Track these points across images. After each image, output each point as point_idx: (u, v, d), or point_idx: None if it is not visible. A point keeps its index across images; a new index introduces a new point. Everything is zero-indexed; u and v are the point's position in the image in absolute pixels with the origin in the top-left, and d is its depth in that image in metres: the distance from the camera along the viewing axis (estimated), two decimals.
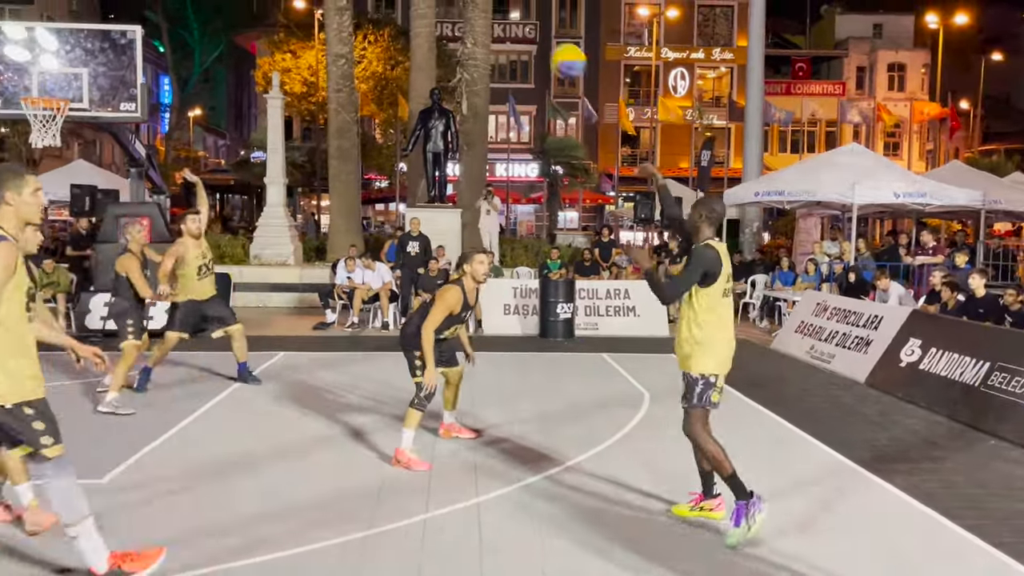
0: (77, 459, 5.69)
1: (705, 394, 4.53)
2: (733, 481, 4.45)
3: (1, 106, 11.06)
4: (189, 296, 7.97)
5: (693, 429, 4.55)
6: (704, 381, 4.52)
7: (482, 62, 18.62)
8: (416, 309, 6.13)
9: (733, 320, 4.69)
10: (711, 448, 4.50)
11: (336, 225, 18.84)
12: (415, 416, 5.62)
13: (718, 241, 4.57)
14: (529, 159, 37.24)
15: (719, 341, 4.53)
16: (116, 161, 41.13)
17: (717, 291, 4.49)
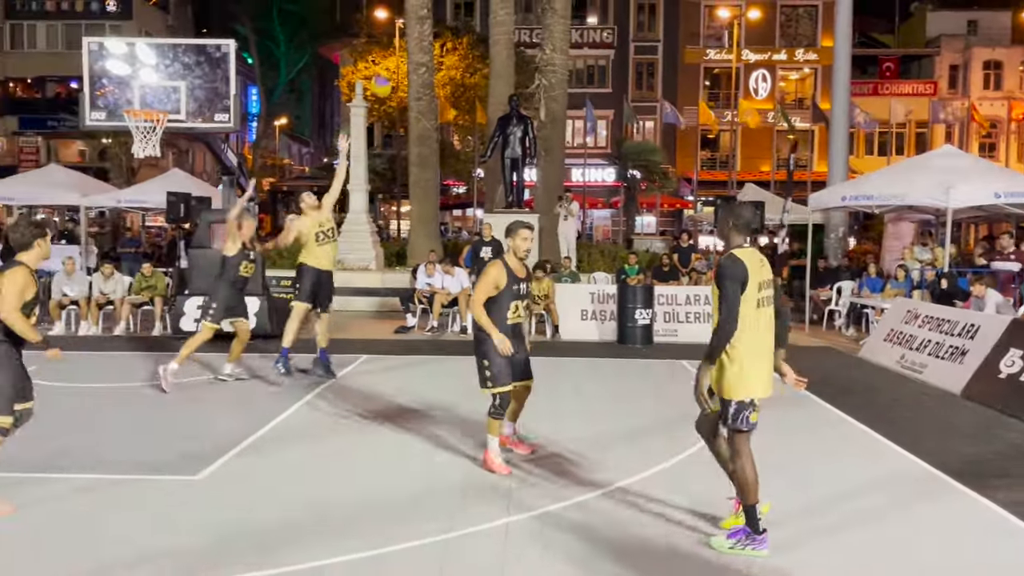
0: (172, 455, 5.99)
1: (740, 415, 4.26)
2: (751, 512, 4.29)
3: (105, 118, 11.68)
4: (311, 262, 8.52)
5: (734, 450, 4.35)
6: (737, 404, 4.26)
7: (560, 67, 18.67)
8: None
9: (770, 333, 4.31)
10: (747, 472, 4.28)
11: (416, 231, 19.15)
12: (494, 424, 5.63)
13: (746, 248, 4.26)
14: (606, 164, 37.07)
15: (750, 361, 4.21)
16: (207, 169, 42.78)
17: (748, 304, 4.17)
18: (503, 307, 5.56)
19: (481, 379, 5.64)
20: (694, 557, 4.30)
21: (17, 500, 4.97)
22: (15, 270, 4.95)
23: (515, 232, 5.61)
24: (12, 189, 19.86)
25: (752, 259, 4.22)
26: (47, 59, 41.34)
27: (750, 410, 4.26)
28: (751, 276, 4.17)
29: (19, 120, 41.92)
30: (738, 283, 4.15)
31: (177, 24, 45.21)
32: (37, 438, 6.44)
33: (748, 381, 4.22)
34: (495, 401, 5.58)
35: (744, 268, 4.16)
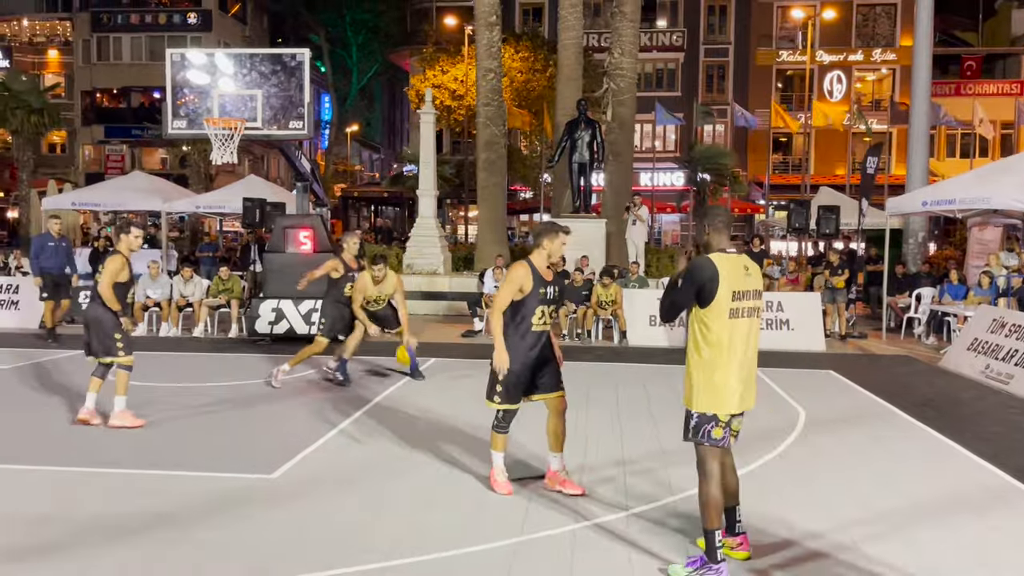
0: (249, 454, 6.15)
1: (701, 428, 4.01)
2: (710, 538, 3.97)
3: (186, 126, 12.08)
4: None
5: (699, 467, 4.05)
6: (699, 415, 4.01)
7: (629, 71, 18.56)
8: None
9: (747, 347, 3.99)
10: (707, 492, 3.98)
11: (483, 235, 19.26)
12: (498, 439, 5.28)
13: (727, 254, 4.00)
14: (675, 168, 36.67)
15: (717, 373, 3.93)
16: (281, 175, 43.94)
17: (718, 312, 3.91)
18: (528, 313, 5.07)
19: (489, 390, 5.19)
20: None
21: (102, 493, 5.17)
22: (113, 256, 6.75)
23: (554, 235, 5.10)
24: (99, 195, 20.76)
25: (730, 265, 3.97)
26: (132, 70, 43.12)
27: (712, 424, 3.99)
28: (722, 282, 3.90)
29: (105, 129, 43.84)
30: (695, 285, 3.92)
31: (253, 35, 46.59)
32: (118, 434, 6.70)
33: (712, 393, 3.97)
34: (498, 415, 5.22)
35: (712, 273, 3.91)
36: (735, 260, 4.01)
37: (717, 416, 3.98)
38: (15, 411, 7.54)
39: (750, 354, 4.04)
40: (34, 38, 46.73)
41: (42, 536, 4.48)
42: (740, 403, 4.01)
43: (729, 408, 3.98)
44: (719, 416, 3.98)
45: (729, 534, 4.21)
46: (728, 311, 3.93)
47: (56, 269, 11.99)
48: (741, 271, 4.00)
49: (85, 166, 44.06)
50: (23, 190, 30.87)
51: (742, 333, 3.98)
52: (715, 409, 3.97)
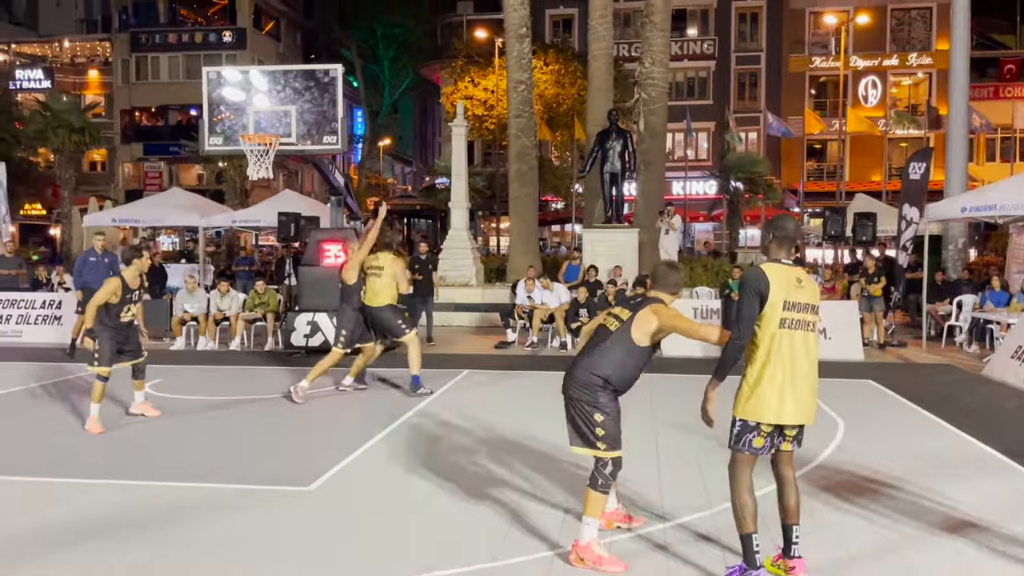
0: (286, 466, 6.20)
1: (743, 437, 3.98)
2: (747, 543, 3.96)
3: (222, 143, 12.28)
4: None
5: (730, 471, 4.06)
6: (742, 424, 3.97)
7: (660, 81, 18.52)
8: (584, 345, 4.65)
9: (800, 357, 3.92)
10: (740, 499, 3.98)
11: (515, 247, 19.29)
12: (598, 500, 4.30)
13: (780, 264, 3.99)
14: (707, 176, 36.44)
15: (770, 384, 3.89)
16: (315, 189, 44.43)
17: (767, 321, 3.89)
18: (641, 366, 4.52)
19: (587, 437, 4.34)
20: None
21: (141, 505, 5.25)
22: (110, 279, 7.54)
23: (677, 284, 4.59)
24: (138, 212, 21.16)
25: (783, 275, 3.94)
26: (169, 89, 43.98)
27: (754, 434, 3.96)
28: (774, 292, 3.89)
29: (144, 147, 44.71)
30: (756, 297, 3.90)
31: (287, 51, 47.28)
32: (156, 446, 6.81)
33: (758, 403, 3.92)
34: (606, 469, 4.31)
35: (766, 282, 3.90)
36: (788, 271, 3.99)
37: (760, 426, 3.94)
38: (47, 424, 7.69)
39: (803, 367, 3.95)
40: (75, 59, 47.90)
41: (80, 539, 4.56)
42: (786, 415, 3.93)
43: (770, 418, 3.92)
44: (762, 426, 3.94)
45: (785, 556, 4.12)
46: (778, 321, 3.91)
47: (97, 284, 12.19)
48: (793, 282, 3.96)
49: (124, 183, 44.95)
50: (65, 207, 31.58)
51: (793, 344, 3.92)
52: (756, 417, 3.93)
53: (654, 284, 4.56)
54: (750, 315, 3.91)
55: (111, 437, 7.13)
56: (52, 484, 5.74)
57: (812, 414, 4.02)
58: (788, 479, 4.14)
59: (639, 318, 4.32)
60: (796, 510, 4.12)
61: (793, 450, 4.13)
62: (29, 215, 41.07)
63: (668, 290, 4.50)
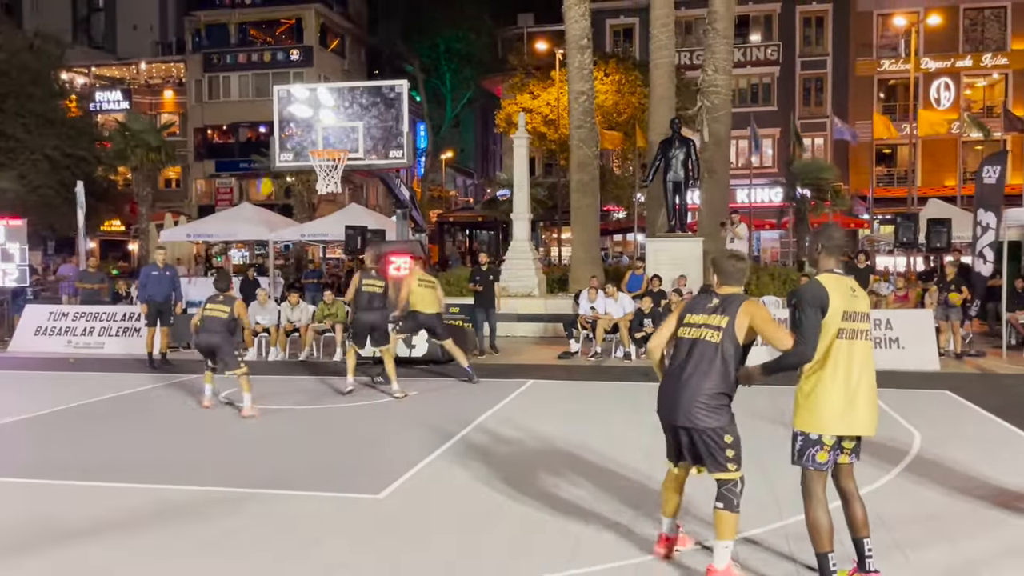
0: (356, 475, 6.34)
1: (806, 452, 3.94)
2: (823, 562, 3.93)
3: (292, 159, 12.64)
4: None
5: (803, 488, 4.00)
6: (803, 438, 3.94)
7: (723, 88, 18.33)
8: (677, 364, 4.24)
9: (858, 368, 3.91)
10: (812, 516, 3.94)
11: (577, 256, 19.28)
12: (734, 522, 4.11)
13: (834, 274, 3.99)
14: (773, 183, 35.83)
15: (828, 394, 3.87)
16: (380, 202, 45.18)
17: (826, 332, 3.88)
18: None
19: (718, 460, 4.12)
20: None
21: (216, 514, 5.44)
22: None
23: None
24: (211, 226, 21.89)
25: (839, 286, 3.94)
26: (239, 107, 45.34)
27: (817, 448, 3.92)
28: (834, 303, 3.88)
29: (215, 163, 46.17)
30: (817, 308, 3.87)
31: (352, 68, 48.29)
32: (229, 453, 7.02)
33: (820, 414, 3.90)
34: (737, 488, 4.13)
35: (825, 294, 3.89)
36: (842, 281, 3.99)
37: (822, 439, 3.92)
38: (133, 433, 8.00)
39: (863, 376, 3.94)
40: (151, 80, 49.80)
41: (160, 545, 4.75)
42: (850, 426, 3.91)
43: (831, 429, 3.90)
44: (824, 439, 3.92)
45: (860, 570, 4.06)
46: (836, 331, 3.90)
47: (160, 297, 12.70)
48: (848, 292, 3.97)
49: (197, 199, 46.44)
50: (143, 223, 32.79)
51: (851, 354, 3.91)
52: (819, 429, 3.91)
53: (725, 279, 4.29)
54: (815, 329, 3.87)
55: (185, 442, 7.38)
56: (137, 489, 5.98)
57: (875, 424, 3.99)
58: (851, 492, 4.09)
59: (739, 322, 4.11)
60: (865, 522, 4.06)
61: (853, 463, 4.09)
62: (109, 231, 42.75)
63: (740, 283, 4.31)
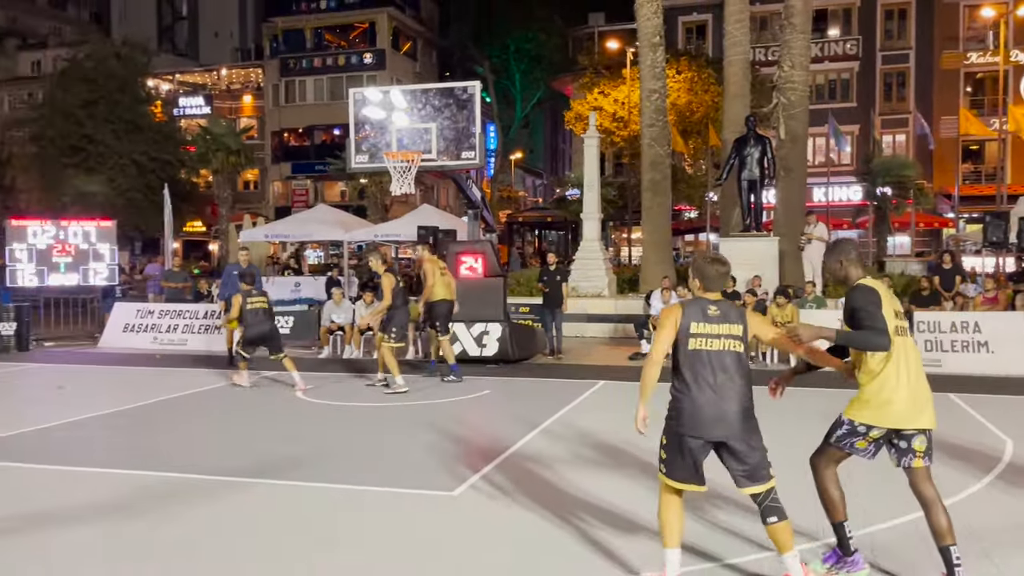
0: (430, 472, 6.40)
1: (847, 440, 4.11)
2: (839, 530, 4.19)
3: (367, 160, 12.86)
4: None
5: (818, 468, 4.23)
6: (850, 426, 4.08)
7: (800, 84, 17.91)
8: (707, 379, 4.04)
9: (910, 362, 4.00)
10: (829, 491, 4.18)
11: (648, 257, 19.11)
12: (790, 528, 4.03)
13: (871, 279, 4.14)
14: (852, 181, 34.81)
15: (886, 391, 3.96)
16: (450, 203, 45.62)
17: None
18: None
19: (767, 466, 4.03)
20: None
21: (293, 506, 5.57)
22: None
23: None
24: (288, 227, 22.46)
25: (882, 287, 4.10)
26: (315, 110, 46.41)
27: (859, 437, 4.08)
28: (884, 303, 4.01)
29: (292, 166, 47.36)
30: (877, 306, 3.99)
31: (423, 70, 48.90)
32: (304, 449, 7.18)
33: (882, 408, 4.00)
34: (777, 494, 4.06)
35: (876, 294, 4.02)
36: (882, 283, 4.20)
37: (871, 431, 4.03)
38: (214, 425, 8.26)
39: (922, 371, 4.08)
40: (231, 85, 51.42)
41: (251, 542, 4.90)
42: (907, 419, 3.99)
43: (897, 422, 3.99)
44: (873, 431, 4.03)
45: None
46: (894, 328, 4.00)
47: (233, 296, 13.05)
48: (890, 293, 4.16)
49: (274, 200, 47.73)
50: (223, 224, 33.90)
51: (906, 349, 4.05)
52: (876, 422, 4.00)
53: (708, 284, 4.15)
54: (880, 319, 3.96)
55: (264, 435, 7.59)
56: (220, 482, 6.18)
57: (935, 416, 4.08)
58: (932, 498, 4.04)
59: (750, 330, 4.08)
60: (949, 529, 3.98)
61: (927, 466, 4.05)
62: (191, 232, 44.31)
63: (720, 289, 4.21)
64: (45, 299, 17.10)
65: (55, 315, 16.96)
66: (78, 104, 35.63)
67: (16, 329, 14.44)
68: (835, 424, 4.19)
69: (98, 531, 5.06)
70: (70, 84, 36.76)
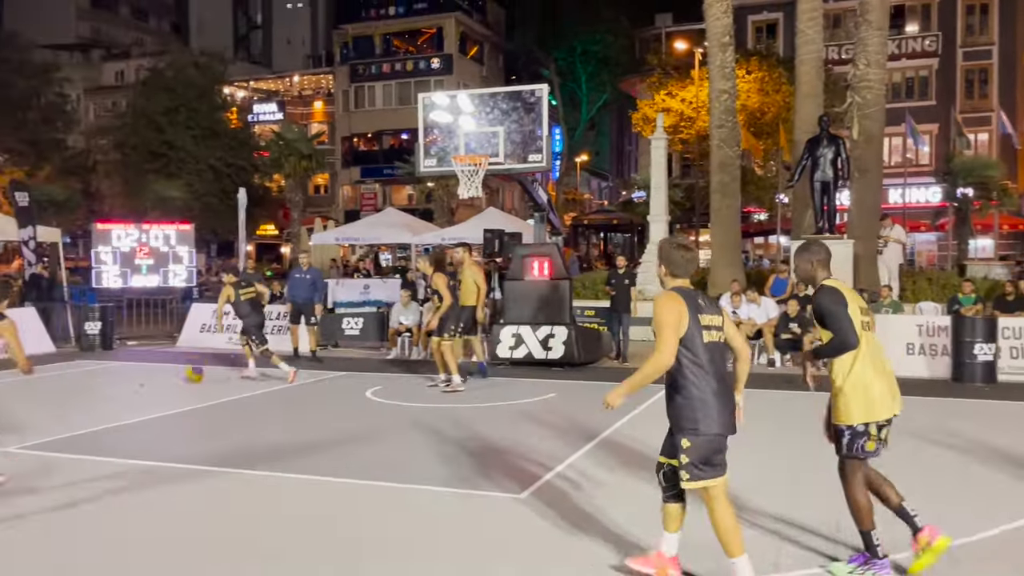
0: (497, 473, 6.43)
1: (855, 444, 4.22)
2: (867, 538, 4.25)
3: (435, 164, 13.01)
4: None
5: (845, 478, 4.30)
6: (851, 431, 4.21)
7: (876, 83, 17.37)
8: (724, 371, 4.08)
9: (879, 356, 4.28)
10: (858, 498, 4.25)
11: (717, 260, 18.79)
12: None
13: (834, 279, 4.38)
14: (930, 182, 33.64)
15: (863, 385, 4.19)
16: (515, 206, 45.75)
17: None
18: None
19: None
20: None
21: (367, 505, 5.66)
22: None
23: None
24: (358, 230, 22.88)
25: (845, 288, 4.31)
26: (383, 115, 47.17)
27: (865, 438, 4.20)
28: (850, 301, 4.24)
29: (361, 170, 48.21)
30: (841, 305, 4.20)
31: (489, 74, 49.21)
32: (371, 450, 7.29)
33: (868, 405, 4.19)
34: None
35: (840, 294, 4.24)
36: (845, 284, 4.41)
37: (868, 429, 4.20)
38: (283, 426, 8.46)
39: (885, 359, 4.33)
40: (303, 92, 52.68)
41: (330, 540, 5.00)
42: (893, 407, 4.24)
43: (882, 412, 4.20)
44: (870, 429, 4.20)
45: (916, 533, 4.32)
46: (861, 324, 4.22)
47: (300, 298, 13.40)
48: (854, 292, 4.39)
49: (344, 204, 48.66)
50: (294, 227, 34.72)
51: (872, 344, 4.28)
52: (870, 418, 4.18)
53: (675, 270, 4.09)
54: (850, 321, 4.16)
55: (333, 435, 7.74)
56: (305, 481, 6.33)
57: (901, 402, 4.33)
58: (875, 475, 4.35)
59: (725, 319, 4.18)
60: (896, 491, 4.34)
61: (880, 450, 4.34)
62: (264, 235, 45.51)
63: (688, 275, 4.13)
64: (128, 300, 17.79)
65: (137, 315, 17.62)
66: (159, 112, 37.04)
67: (101, 328, 15.06)
68: (836, 438, 4.32)
69: (190, 528, 5.25)
70: (152, 93, 38.23)
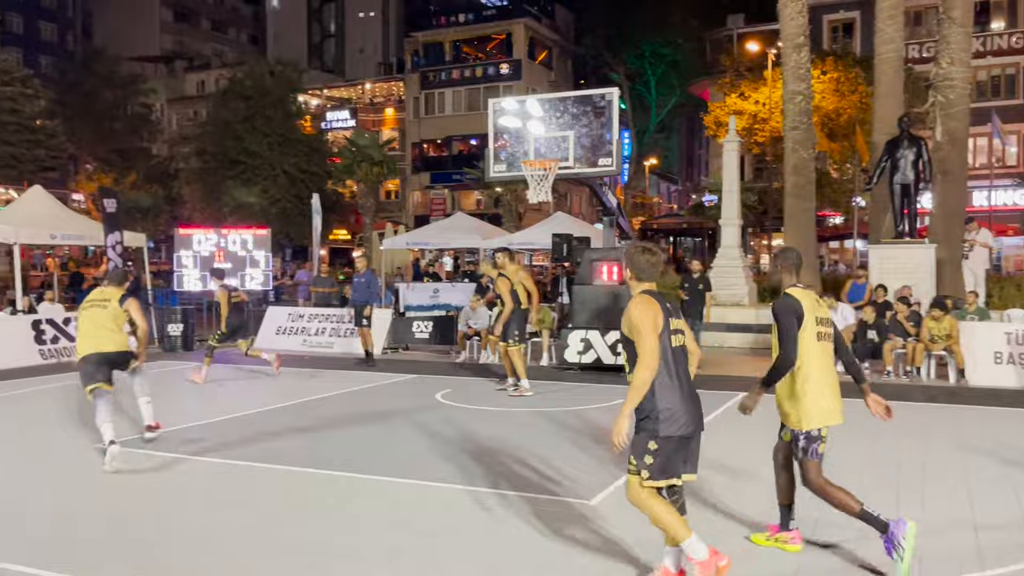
0: (567, 479, 6.42)
1: (810, 447, 4.46)
2: (866, 518, 4.36)
3: (505, 169, 13.07)
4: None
5: (811, 482, 4.49)
6: (805, 437, 4.46)
7: (960, 82, 16.74)
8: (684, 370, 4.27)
9: (832, 366, 4.53)
10: (835, 495, 4.42)
11: None
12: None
13: (799, 288, 4.51)
14: (1018, 184, 32.24)
15: (814, 392, 4.42)
16: (583, 211, 45.66)
17: (808, 338, 4.42)
18: None
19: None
20: None
21: (419, 506, 5.71)
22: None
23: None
24: (428, 235, 23.13)
25: (806, 298, 4.46)
26: (452, 121, 47.67)
27: (818, 442, 4.47)
28: (807, 312, 4.41)
29: (430, 176, 48.81)
30: (793, 317, 4.40)
31: (558, 79, 49.22)
32: (442, 453, 7.36)
33: (817, 411, 4.43)
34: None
35: (799, 305, 4.42)
36: (808, 293, 4.53)
37: (820, 433, 4.47)
38: (354, 427, 8.60)
39: (834, 373, 4.55)
40: (374, 99, 53.62)
41: (399, 541, 5.07)
42: (838, 416, 4.50)
43: (832, 419, 4.47)
44: (821, 433, 4.47)
45: (783, 529, 4.73)
46: (816, 335, 4.43)
47: (358, 301, 13.63)
48: (815, 301, 4.53)
49: (414, 209, 49.32)
50: (367, 232, 35.37)
51: (826, 354, 4.51)
52: (823, 423, 4.44)
53: (641, 275, 4.22)
54: (794, 336, 4.39)
55: (404, 437, 7.84)
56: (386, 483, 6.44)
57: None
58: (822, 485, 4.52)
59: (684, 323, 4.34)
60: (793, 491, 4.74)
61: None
62: (336, 240, 46.46)
63: (654, 280, 4.24)
64: (208, 302, 18.37)
65: (216, 317, 18.16)
66: (237, 120, 38.20)
67: (182, 330, 15.60)
68: (792, 442, 4.55)
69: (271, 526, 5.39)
70: (230, 101, 39.46)
